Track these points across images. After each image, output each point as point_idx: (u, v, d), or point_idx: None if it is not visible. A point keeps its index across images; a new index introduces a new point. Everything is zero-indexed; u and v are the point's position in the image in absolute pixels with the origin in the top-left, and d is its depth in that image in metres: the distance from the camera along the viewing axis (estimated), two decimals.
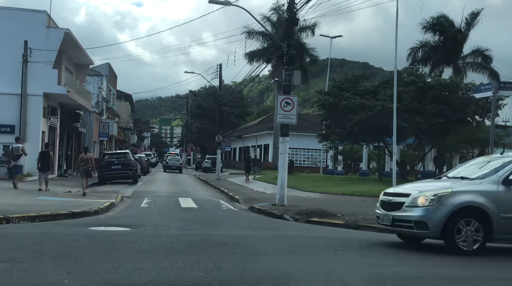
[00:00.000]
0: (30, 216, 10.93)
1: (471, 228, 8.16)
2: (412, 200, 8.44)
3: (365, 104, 27.48)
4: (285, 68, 16.36)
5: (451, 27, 35.23)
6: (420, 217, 8.25)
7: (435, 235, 8.30)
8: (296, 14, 16.34)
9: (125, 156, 28.85)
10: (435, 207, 8.19)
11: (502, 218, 8.25)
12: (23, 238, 8.18)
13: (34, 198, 15.36)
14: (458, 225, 8.13)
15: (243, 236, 9.59)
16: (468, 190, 8.47)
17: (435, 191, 8.44)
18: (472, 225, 8.17)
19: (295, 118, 16.14)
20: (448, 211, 8.12)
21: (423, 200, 8.32)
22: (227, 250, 7.74)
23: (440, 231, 8.15)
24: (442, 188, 8.60)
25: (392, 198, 8.92)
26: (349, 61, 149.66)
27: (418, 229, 8.28)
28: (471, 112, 28.00)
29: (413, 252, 8.44)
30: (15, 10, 27.46)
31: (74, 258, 6.61)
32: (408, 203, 8.46)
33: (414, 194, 8.53)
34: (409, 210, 8.42)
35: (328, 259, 7.54)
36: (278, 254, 7.73)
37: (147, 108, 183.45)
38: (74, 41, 28.57)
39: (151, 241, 8.27)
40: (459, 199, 8.24)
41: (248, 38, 43.20)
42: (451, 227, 8.11)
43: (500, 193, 8.34)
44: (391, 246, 9.08)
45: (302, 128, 45.82)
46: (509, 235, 8.60)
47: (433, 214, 8.17)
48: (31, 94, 25.87)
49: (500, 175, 8.55)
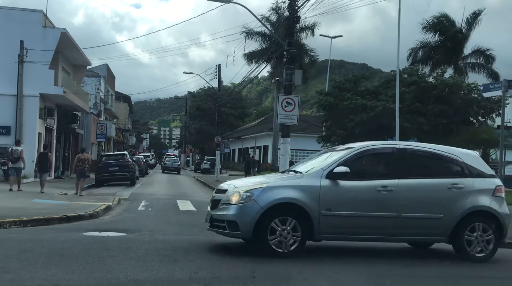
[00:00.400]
0: (22, 221, 10.48)
1: (287, 227, 7.31)
2: (226, 197, 7.62)
3: (366, 104, 27.17)
4: (286, 67, 15.98)
5: (452, 26, 34.90)
6: (232, 216, 7.38)
7: (247, 236, 7.45)
8: (297, 12, 15.96)
9: (123, 158, 28.44)
10: (247, 204, 7.32)
11: (324, 215, 7.44)
12: (12, 246, 7.74)
13: (29, 201, 14.91)
14: (272, 224, 7.29)
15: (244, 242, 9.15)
16: (286, 185, 7.66)
17: (249, 186, 7.59)
18: (289, 224, 7.33)
19: (296, 119, 15.74)
20: (260, 209, 7.25)
21: (236, 197, 7.47)
22: (227, 258, 7.32)
23: (252, 231, 7.28)
24: (258, 183, 7.78)
25: (215, 195, 8.10)
26: (348, 62, 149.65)
27: (231, 229, 7.43)
28: (474, 112, 27.67)
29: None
30: (10, 9, 27.05)
31: (64, 267, 6.19)
32: (223, 200, 7.64)
33: (230, 190, 7.72)
34: (224, 208, 7.57)
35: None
36: (282, 262, 7.30)
37: (146, 110, 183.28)
38: (71, 41, 28.16)
39: (147, 248, 7.85)
40: (274, 195, 7.39)
41: (247, 39, 42.80)
42: (263, 226, 7.25)
43: (323, 188, 7.51)
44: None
45: (302, 129, 45.43)
46: (334, 234, 7.73)
47: (244, 212, 7.31)
48: (27, 94, 25.44)
49: (324, 168, 7.74)
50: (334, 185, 7.60)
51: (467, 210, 7.94)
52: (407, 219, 7.72)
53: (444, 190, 7.99)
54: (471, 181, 8.15)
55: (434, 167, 8.35)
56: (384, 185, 7.74)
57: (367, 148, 8.25)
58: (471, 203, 7.99)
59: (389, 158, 8.23)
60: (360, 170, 8.03)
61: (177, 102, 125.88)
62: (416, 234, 8.00)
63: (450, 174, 8.25)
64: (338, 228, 7.62)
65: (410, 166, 8.13)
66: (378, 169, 8.38)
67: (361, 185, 7.77)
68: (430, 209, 7.85)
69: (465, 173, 8.24)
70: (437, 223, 7.87)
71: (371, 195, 7.69)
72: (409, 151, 8.28)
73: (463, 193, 8.00)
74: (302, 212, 7.41)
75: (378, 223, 7.71)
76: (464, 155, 8.47)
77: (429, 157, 8.35)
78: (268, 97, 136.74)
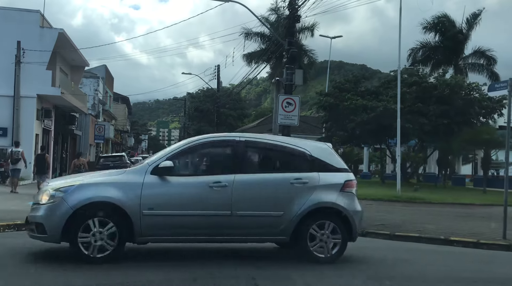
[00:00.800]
0: (16, 224, 10.20)
1: (104, 230, 6.58)
2: (37, 196, 6.99)
3: (367, 105, 26.94)
4: (287, 67, 15.74)
5: (452, 27, 34.78)
6: (39, 218, 6.69)
7: (54, 239, 6.71)
8: (298, 11, 15.71)
9: (121, 159, 28.23)
10: (55, 204, 6.62)
11: (145, 215, 6.71)
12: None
13: (24, 204, 14.60)
14: (85, 225, 6.56)
15: (243, 245, 8.88)
16: (102, 182, 6.94)
17: (61, 184, 6.91)
18: (105, 226, 6.60)
19: (297, 119, 15.50)
20: (69, 209, 6.51)
21: (45, 196, 6.77)
22: (227, 264, 7.05)
23: (60, 235, 6.58)
24: (73, 181, 7.02)
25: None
26: (347, 63, 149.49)
27: (39, 232, 6.72)
28: (475, 113, 27.46)
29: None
30: (7, 9, 26.81)
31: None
32: (35, 200, 6.99)
33: (43, 188, 7.11)
34: (34, 209, 6.90)
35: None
36: (286, 270, 7.03)
37: (145, 111, 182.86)
38: (69, 42, 27.91)
39: (142, 253, 7.58)
40: (87, 193, 6.64)
41: (246, 39, 42.57)
42: (74, 229, 6.52)
43: (146, 185, 6.80)
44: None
45: (301, 130, 44.98)
46: (158, 236, 6.97)
47: (52, 213, 6.60)
48: (24, 95, 25.22)
49: (150, 163, 7.06)
50: (160, 181, 6.90)
51: (311, 207, 7.23)
52: (243, 217, 7.04)
53: (286, 186, 7.29)
54: (317, 175, 7.45)
55: (278, 161, 7.83)
56: (218, 181, 7.05)
57: (202, 140, 7.57)
58: (316, 200, 7.28)
59: (227, 152, 7.61)
60: (192, 165, 7.56)
61: (176, 103, 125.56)
62: (253, 233, 7.28)
63: (295, 168, 7.59)
64: (163, 229, 6.90)
65: (249, 160, 7.61)
66: (213, 163, 7.76)
67: (192, 181, 7.13)
68: (269, 206, 7.18)
69: (312, 167, 7.54)
70: (277, 221, 7.16)
71: (202, 192, 7.00)
72: (250, 144, 7.57)
73: (307, 189, 7.31)
74: (121, 213, 6.68)
75: (209, 223, 7.00)
76: (313, 147, 7.82)
77: (272, 150, 7.74)
78: (267, 98, 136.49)
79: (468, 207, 18.16)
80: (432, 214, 14.95)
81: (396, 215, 14.25)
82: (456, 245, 9.99)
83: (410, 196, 20.42)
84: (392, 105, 24.70)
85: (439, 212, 15.64)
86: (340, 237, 7.32)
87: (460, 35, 34.58)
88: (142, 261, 7.16)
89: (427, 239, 10.31)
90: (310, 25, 42.80)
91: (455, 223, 12.60)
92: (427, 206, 18.36)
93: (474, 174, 37.99)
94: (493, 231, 11.03)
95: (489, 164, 28.38)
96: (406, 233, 10.78)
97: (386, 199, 19.88)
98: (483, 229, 11.60)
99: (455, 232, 11.01)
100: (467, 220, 13.52)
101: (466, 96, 27.51)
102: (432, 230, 11.24)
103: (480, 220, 13.66)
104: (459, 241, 10.10)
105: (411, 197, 20.22)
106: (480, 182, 28.56)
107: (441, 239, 10.27)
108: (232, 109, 75.10)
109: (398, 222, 12.35)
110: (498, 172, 35.69)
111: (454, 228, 11.65)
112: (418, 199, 19.98)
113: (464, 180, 32.94)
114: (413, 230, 11.11)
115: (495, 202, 19.18)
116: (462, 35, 34.70)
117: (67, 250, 6.80)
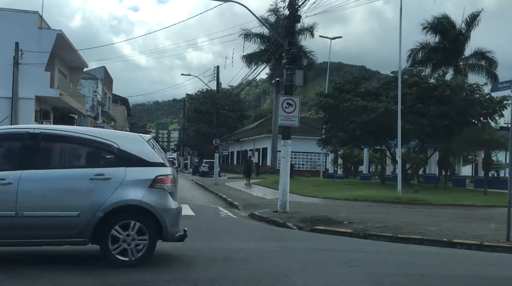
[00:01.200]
0: None
1: None
2: None
3: (367, 106, 26.79)
4: (287, 68, 15.59)
5: (453, 28, 34.68)
6: None
7: None
8: (298, 11, 15.57)
9: None
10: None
11: None
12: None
13: None
14: None
15: (245, 249, 8.73)
16: None
17: None
18: None
19: (297, 120, 15.33)
20: None
21: None
22: (228, 267, 6.92)
23: None
24: None
25: None
26: (346, 64, 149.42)
27: None
28: (476, 113, 27.33)
29: None
30: (5, 10, 26.71)
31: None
32: None
33: None
34: None
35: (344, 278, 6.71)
36: (287, 273, 6.87)
37: (144, 112, 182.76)
38: (67, 43, 27.81)
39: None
40: None
41: (245, 41, 42.55)
42: None
43: None
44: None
45: (301, 131, 45.10)
46: None
47: None
48: (23, 97, 25.13)
49: None
50: None
51: (112, 205, 6.64)
52: (31, 218, 6.44)
53: (84, 182, 6.71)
54: (123, 170, 6.84)
55: (78, 155, 7.18)
56: (1, 178, 6.47)
57: None
58: (119, 198, 6.69)
59: (15, 145, 6.89)
60: None
61: (175, 105, 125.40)
62: (46, 236, 6.59)
63: (99, 163, 6.97)
64: None
65: (44, 155, 6.88)
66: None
67: None
68: (63, 206, 6.56)
69: (119, 161, 6.92)
70: (73, 222, 6.53)
71: None
72: (45, 137, 6.91)
73: (109, 186, 6.71)
74: None
75: None
76: (122, 140, 7.17)
77: (73, 143, 7.05)
78: (267, 99, 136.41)
79: (469, 209, 18.05)
80: (433, 215, 14.82)
81: (397, 216, 14.13)
82: (459, 247, 9.83)
83: (410, 198, 20.33)
84: (393, 106, 24.58)
85: (441, 214, 15.51)
86: (147, 237, 6.74)
87: (461, 36, 34.50)
88: None
89: (430, 241, 10.17)
90: (309, 26, 42.91)
91: (457, 225, 12.46)
92: (428, 207, 18.26)
93: (474, 175, 37.85)
94: (496, 233, 10.90)
95: (490, 165, 28.19)
96: (408, 235, 10.65)
97: (386, 201, 19.80)
98: (486, 231, 11.47)
99: (457, 234, 10.87)
100: (469, 222, 13.38)
101: (467, 96, 27.37)
102: (434, 232, 11.11)
103: (482, 222, 13.53)
104: (462, 243, 9.94)
105: (411, 199, 20.12)
106: (480, 183, 28.43)
107: (444, 241, 10.12)
108: (232, 110, 75.09)
109: (400, 224, 12.21)
110: (498, 173, 35.58)
111: (456, 230, 11.52)
112: (418, 200, 19.89)
113: (464, 181, 32.79)
114: (415, 232, 10.97)
115: (497, 203, 19.10)
116: (462, 36, 34.62)
117: (71, 249, 6.64)
